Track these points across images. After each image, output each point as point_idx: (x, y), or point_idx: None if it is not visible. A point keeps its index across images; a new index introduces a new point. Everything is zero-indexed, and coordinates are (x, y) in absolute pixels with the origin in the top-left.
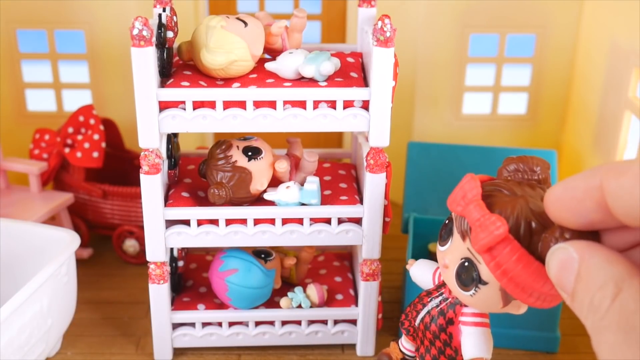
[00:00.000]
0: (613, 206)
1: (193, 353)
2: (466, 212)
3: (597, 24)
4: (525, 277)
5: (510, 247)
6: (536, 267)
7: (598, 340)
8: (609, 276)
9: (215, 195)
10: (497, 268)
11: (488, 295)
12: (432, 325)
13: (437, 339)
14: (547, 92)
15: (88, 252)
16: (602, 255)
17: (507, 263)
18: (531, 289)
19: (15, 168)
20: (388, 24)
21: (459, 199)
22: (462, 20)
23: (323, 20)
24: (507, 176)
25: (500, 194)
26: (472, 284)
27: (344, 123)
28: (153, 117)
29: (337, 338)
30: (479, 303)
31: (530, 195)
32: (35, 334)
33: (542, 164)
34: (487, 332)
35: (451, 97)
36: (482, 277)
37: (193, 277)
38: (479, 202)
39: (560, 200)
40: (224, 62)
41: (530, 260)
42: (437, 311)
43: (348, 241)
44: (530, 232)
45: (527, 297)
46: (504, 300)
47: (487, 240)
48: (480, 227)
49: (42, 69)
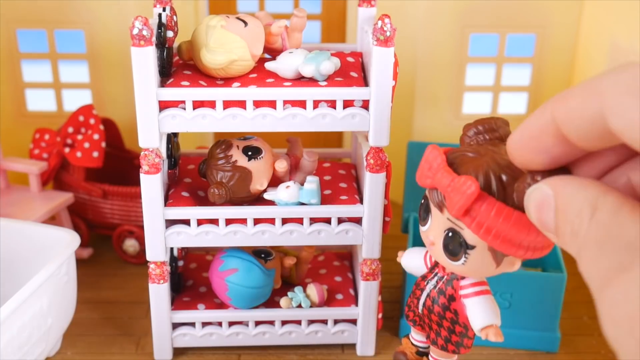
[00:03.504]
0: (568, 132)
1: (193, 353)
2: (435, 182)
3: (597, 24)
4: (508, 229)
5: (486, 203)
6: (517, 217)
7: (580, 262)
8: (583, 199)
9: (215, 194)
10: (479, 228)
11: (479, 258)
12: (434, 307)
13: (444, 319)
14: (547, 92)
15: (88, 252)
16: (574, 183)
17: (488, 220)
18: (518, 240)
19: (15, 168)
20: (388, 23)
21: (426, 171)
22: (462, 20)
23: (323, 20)
24: (469, 142)
25: (465, 157)
26: (461, 252)
27: (343, 123)
28: (153, 117)
29: (337, 338)
30: (472, 269)
31: (494, 151)
32: (35, 334)
33: (500, 122)
34: (490, 299)
35: (451, 97)
36: (469, 242)
37: (193, 276)
38: (445, 168)
39: (520, 145)
40: (224, 61)
41: (510, 211)
42: (436, 292)
43: (348, 241)
44: (502, 185)
45: (517, 250)
46: (496, 260)
47: (462, 203)
48: (453, 192)
49: (42, 69)
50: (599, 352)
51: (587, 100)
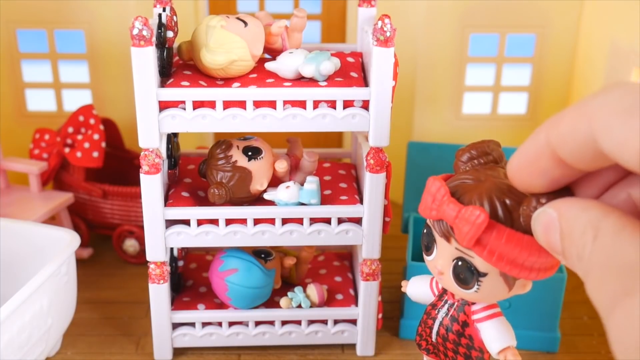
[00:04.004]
0: (563, 156)
1: (193, 353)
2: (441, 214)
3: (597, 24)
4: (520, 254)
5: (496, 231)
6: (527, 241)
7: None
8: (586, 221)
9: (215, 195)
10: (491, 256)
11: (491, 285)
12: (449, 334)
13: (460, 346)
14: (547, 92)
15: (88, 252)
16: (576, 205)
17: (499, 247)
18: (530, 264)
19: (15, 168)
20: (388, 23)
21: (430, 204)
22: (462, 20)
23: (323, 20)
24: (464, 168)
25: (465, 185)
26: (473, 280)
27: (343, 123)
28: (153, 117)
29: (337, 338)
30: (485, 296)
31: (493, 176)
32: (35, 334)
33: (492, 144)
34: (503, 321)
35: (451, 97)
36: (480, 270)
37: (193, 277)
38: (450, 199)
39: (519, 169)
40: (224, 61)
41: (520, 236)
42: (448, 320)
43: (348, 241)
44: (508, 210)
45: (529, 273)
46: (508, 284)
47: (472, 233)
48: (461, 223)
49: (42, 69)
50: (599, 352)
51: (578, 123)
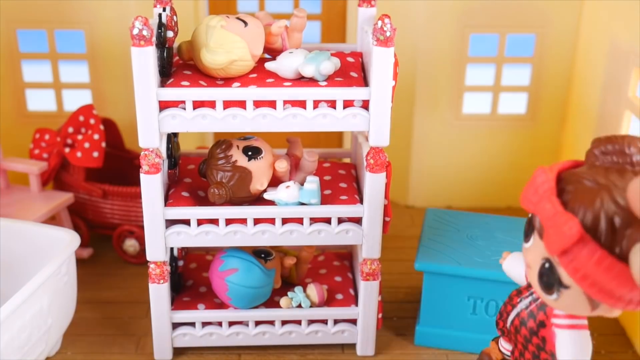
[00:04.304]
0: None
1: (193, 353)
2: (538, 210)
3: (597, 24)
4: (608, 281)
5: (587, 248)
6: (620, 270)
7: None
8: None
9: (215, 194)
10: (575, 272)
11: (572, 299)
12: (522, 328)
13: (530, 343)
14: (547, 92)
15: (88, 252)
16: None
17: (586, 267)
18: (618, 294)
19: (15, 168)
20: (388, 23)
21: (531, 195)
22: (462, 20)
23: (323, 20)
24: (593, 161)
25: (580, 185)
26: (554, 288)
27: (343, 123)
28: (153, 117)
29: (337, 338)
30: (564, 307)
31: (616, 184)
32: (35, 334)
33: (634, 144)
34: (585, 335)
35: (451, 97)
36: (563, 282)
37: (193, 276)
38: (550, 197)
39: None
40: (224, 61)
41: (612, 262)
42: (526, 313)
43: (348, 241)
44: (612, 228)
45: (616, 302)
46: (591, 305)
47: (559, 243)
48: (552, 228)
49: (42, 69)
50: (599, 352)
51: None
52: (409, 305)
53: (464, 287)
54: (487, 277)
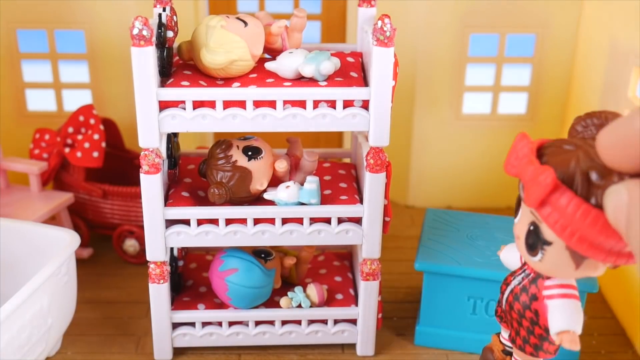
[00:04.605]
0: None
1: (193, 353)
2: (519, 172)
3: (597, 24)
4: (586, 228)
5: (564, 197)
6: (596, 215)
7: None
8: None
9: (215, 194)
10: (555, 223)
11: (555, 256)
12: (515, 303)
13: (523, 318)
14: (547, 92)
15: (88, 252)
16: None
17: (564, 215)
18: (597, 241)
19: (15, 168)
20: (388, 23)
21: (512, 160)
22: (462, 20)
23: (323, 20)
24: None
25: (559, 148)
26: (538, 247)
27: (343, 123)
28: (153, 117)
29: (337, 338)
30: (549, 267)
31: (591, 145)
32: (35, 334)
33: (612, 116)
34: (575, 304)
35: (451, 97)
36: (546, 238)
37: (193, 276)
38: (529, 157)
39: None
40: (224, 61)
41: (588, 207)
42: (519, 288)
43: (348, 241)
44: (588, 181)
45: (596, 252)
46: (575, 260)
47: (537, 193)
48: (530, 182)
49: (42, 69)
50: (599, 352)
51: None
52: (409, 305)
53: (464, 287)
54: (487, 277)
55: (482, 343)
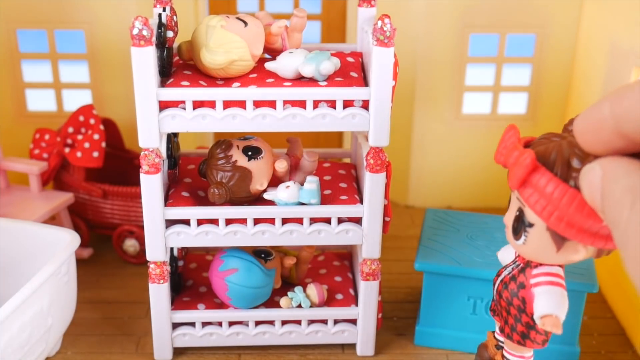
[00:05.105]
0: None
1: (193, 352)
2: (506, 159)
3: (597, 24)
4: (564, 206)
5: (543, 177)
6: (573, 194)
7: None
8: (627, 185)
9: (215, 194)
10: (535, 202)
11: (537, 238)
12: (504, 292)
13: (511, 306)
14: (547, 92)
15: (88, 252)
16: (622, 166)
17: (543, 194)
18: (575, 221)
19: (15, 168)
20: (388, 23)
21: (501, 149)
22: (462, 20)
23: (323, 20)
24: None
25: (545, 140)
26: (522, 230)
27: (343, 123)
28: (153, 117)
29: (337, 338)
30: (531, 250)
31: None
32: (35, 334)
33: None
34: (560, 292)
35: (451, 97)
36: (528, 220)
37: (193, 276)
38: (515, 145)
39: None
40: (223, 61)
41: (565, 186)
42: (508, 277)
43: (348, 241)
44: (568, 166)
45: (576, 233)
46: (556, 242)
47: (518, 174)
48: (513, 163)
49: (42, 69)
50: (599, 352)
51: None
52: (409, 305)
53: (464, 287)
54: (487, 277)
55: None
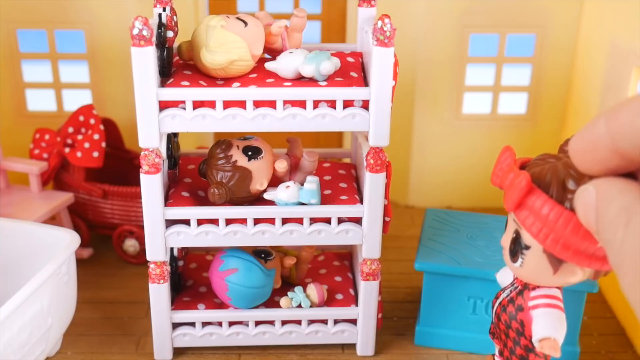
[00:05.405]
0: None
1: (193, 353)
2: (502, 181)
3: (597, 24)
4: (560, 228)
5: (539, 199)
6: (569, 217)
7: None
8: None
9: (215, 194)
10: (531, 225)
11: (534, 260)
12: (503, 314)
13: (510, 329)
14: (547, 92)
15: (88, 252)
16: (616, 185)
17: (539, 216)
18: (571, 243)
19: (15, 168)
20: (388, 23)
21: (496, 171)
22: (462, 20)
23: (323, 20)
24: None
25: (541, 161)
26: (518, 252)
27: (343, 123)
28: (153, 117)
29: (337, 338)
30: (529, 272)
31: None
32: (35, 334)
33: None
34: (558, 314)
35: (451, 97)
36: (525, 242)
37: (193, 276)
38: (511, 167)
39: (577, 154)
40: (223, 61)
41: (561, 208)
42: (507, 300)
43: (348, 241)
44: (564, 188)
45: (573, 254)
46: (552, 265)
47: (513, 196)
48: (509, 187)
49: (42, 69)
50: (599, 352)
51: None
52: (409, 305)
53: (464, 287)
54: (487, 277)
55: (482, 343)
